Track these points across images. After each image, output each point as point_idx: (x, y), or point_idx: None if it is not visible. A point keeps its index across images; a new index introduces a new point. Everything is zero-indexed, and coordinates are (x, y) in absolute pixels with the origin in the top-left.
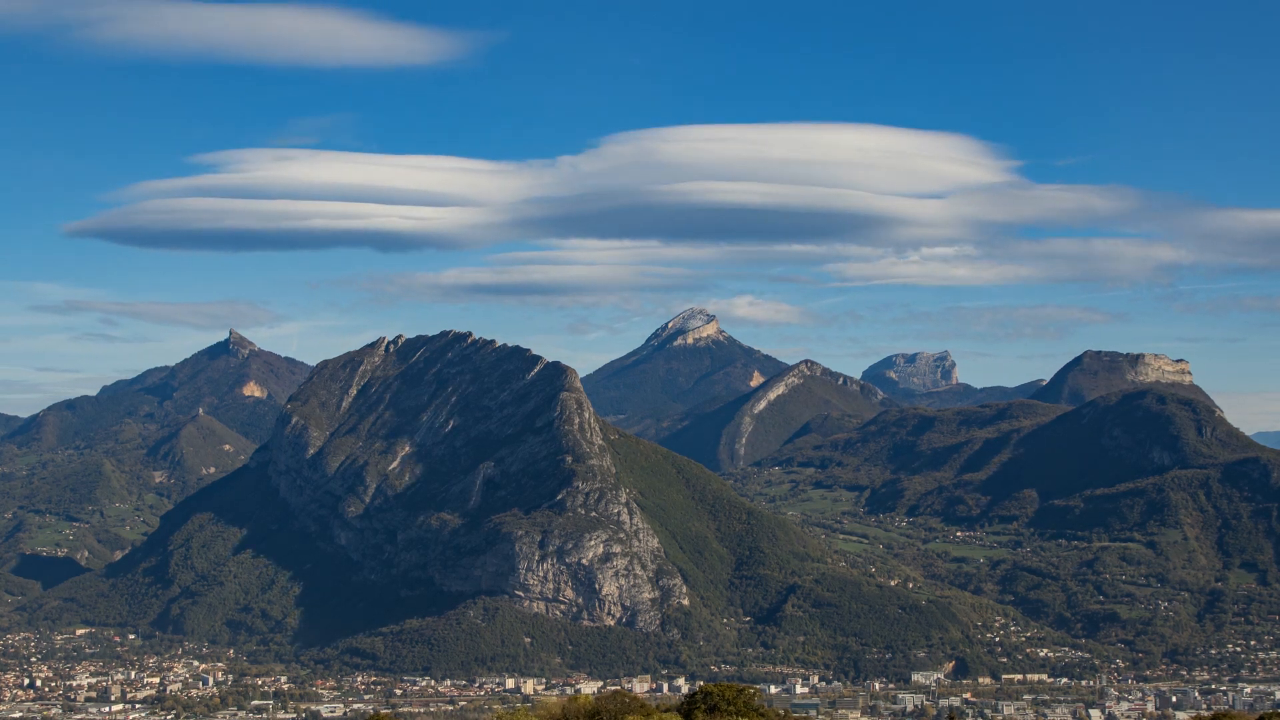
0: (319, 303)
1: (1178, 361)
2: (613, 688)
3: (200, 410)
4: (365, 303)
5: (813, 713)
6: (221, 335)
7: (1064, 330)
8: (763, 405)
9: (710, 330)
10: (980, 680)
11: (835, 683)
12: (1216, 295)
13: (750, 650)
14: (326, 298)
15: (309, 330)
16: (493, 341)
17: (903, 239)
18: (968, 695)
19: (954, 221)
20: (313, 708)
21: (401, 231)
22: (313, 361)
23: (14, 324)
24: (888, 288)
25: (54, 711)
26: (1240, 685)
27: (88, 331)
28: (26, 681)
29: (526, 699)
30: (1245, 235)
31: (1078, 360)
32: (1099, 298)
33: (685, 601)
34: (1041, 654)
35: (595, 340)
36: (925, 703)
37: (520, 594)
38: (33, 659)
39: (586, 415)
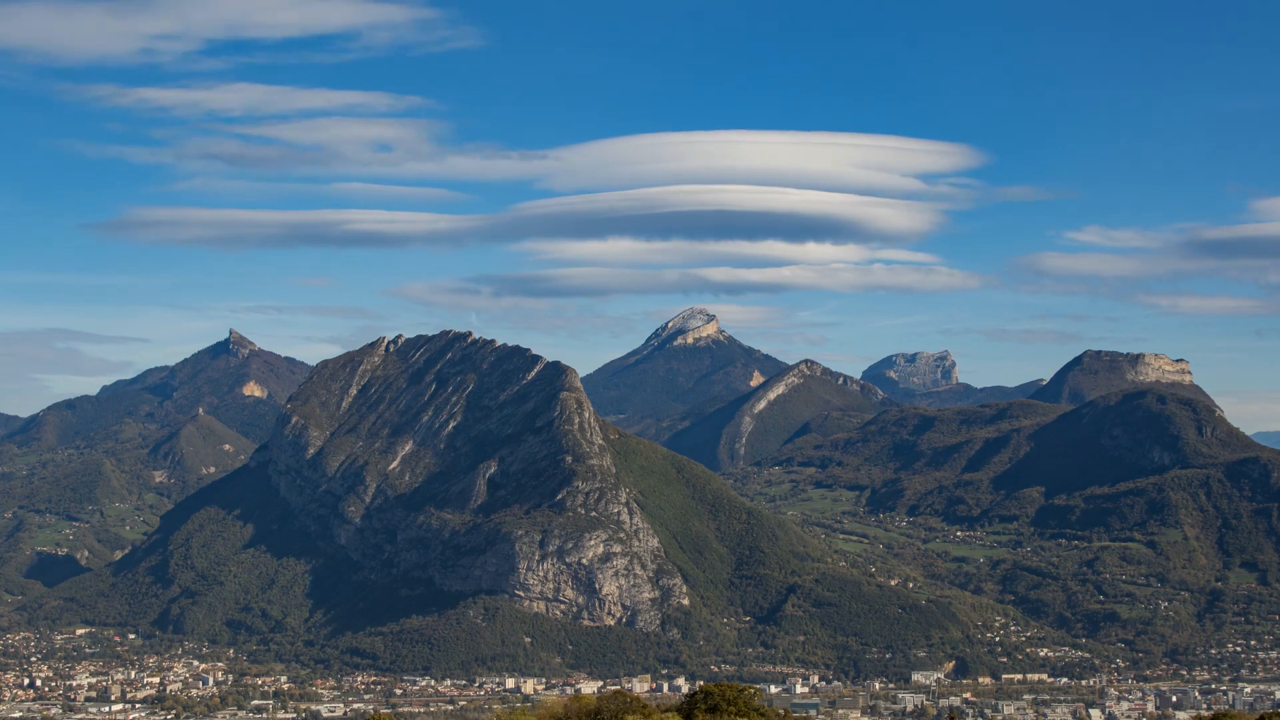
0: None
1: (1178, 361)
2: (613, 687)
3: (200, 410)
4: (364, 303)
5: (813, 713)
6: (221, 335)
7: (1064, 331)
8: (763, 405)
9: (710, 330)
10: (980, 680)
11: (835, 682)
12: (1216, 297)
13: (750, 650)
14: (325, 297)
15: (308, 331)
16: (493, 341)
17: (901, 240)
18: (968, 695)
19: (954, 223)
20: (313, 708)
21: (399, 232)
22: (313, 361)
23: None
24: (889, 288)
25: (54, 711)
26: (1240, 685)
27: (86, 330)
28: (26, 681)
29: (526, 699)
30: (1243, 237)
31: (1078, 360)
32: (1099, 299)
33: (685, 601)
34: (1041, 654)
35: (595, 340)
36: (925, 703)
37: (520, 594)
38: (33, 659)
39: (586, 415)
